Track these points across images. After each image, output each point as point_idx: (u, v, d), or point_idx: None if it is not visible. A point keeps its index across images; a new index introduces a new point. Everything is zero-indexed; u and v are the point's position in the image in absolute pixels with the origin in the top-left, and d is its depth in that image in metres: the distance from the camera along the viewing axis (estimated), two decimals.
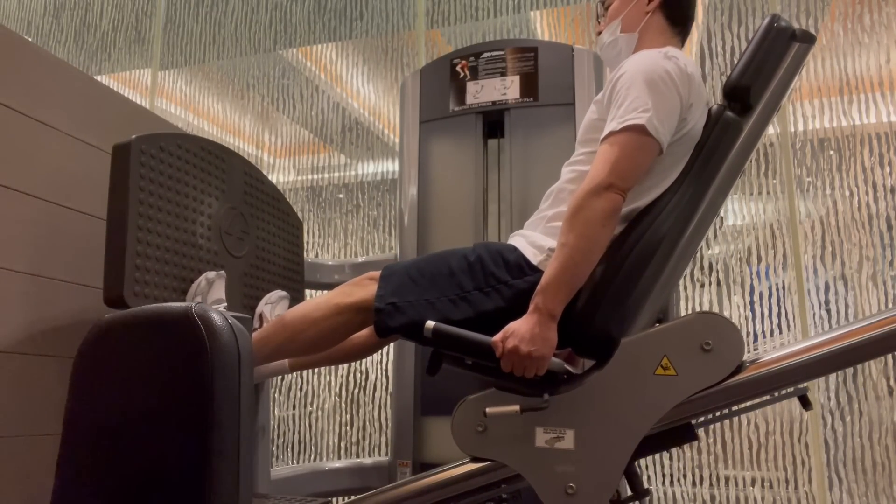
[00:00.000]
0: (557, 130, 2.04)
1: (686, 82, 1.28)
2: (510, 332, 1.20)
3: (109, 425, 1.08)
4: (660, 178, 1.30)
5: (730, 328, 1.18)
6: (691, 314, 1.22)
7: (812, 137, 2.53)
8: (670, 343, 1.19)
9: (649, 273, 1.25)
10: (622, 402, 1.18)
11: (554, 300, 1.20)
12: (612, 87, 1.31)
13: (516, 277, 1.31)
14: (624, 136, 1.23)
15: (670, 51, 1.32)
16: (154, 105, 3.57)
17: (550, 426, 1.20)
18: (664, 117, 1.24)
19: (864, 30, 2.53)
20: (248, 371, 1.09)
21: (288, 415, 3.02)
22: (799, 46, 1.35)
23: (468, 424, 1.24)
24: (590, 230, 1.20)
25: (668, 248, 1.27)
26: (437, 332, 1.21)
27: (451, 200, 2.11)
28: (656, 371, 1.18)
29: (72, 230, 1.69)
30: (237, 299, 1.80)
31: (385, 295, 1.34)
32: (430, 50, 3.12)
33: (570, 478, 1.17)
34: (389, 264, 1.43)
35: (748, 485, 2.40)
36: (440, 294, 1.32)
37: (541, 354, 1.18)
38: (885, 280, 2.37)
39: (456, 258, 1.37)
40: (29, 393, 1.55)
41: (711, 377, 1.17)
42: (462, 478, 1.25)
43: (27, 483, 1.51)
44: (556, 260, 1.21)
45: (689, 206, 1.29)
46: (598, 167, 1.23)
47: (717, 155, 1.31)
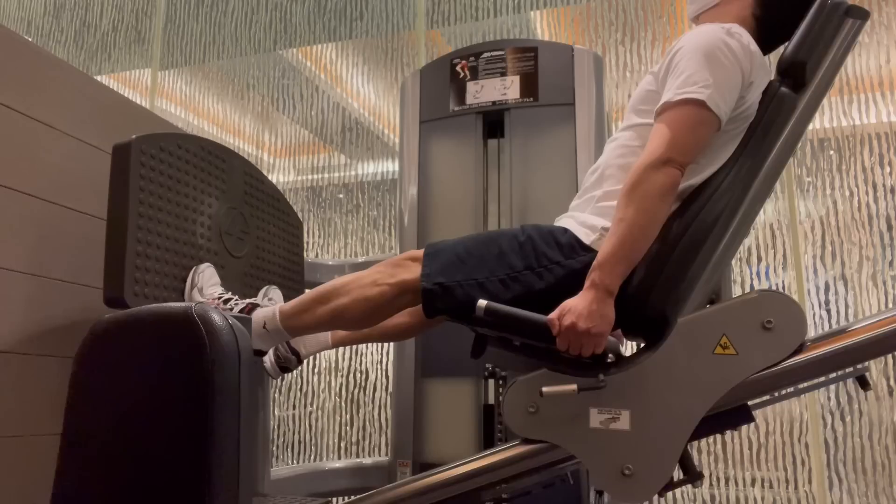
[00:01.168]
0: (557, 130, 2.04)
1: (748, 58, 1.25)
2: (567, 308, 1.17)
3: (109, 425, 1.08)
4: (714, 155, 1.27)
5: (793, 306, 1.15)
6: (752, 292, 1.19)
7: (812, 137, 2.53)
8: (730, 321, 1.16)
9: (704, 252, 1.22)
10: (680, 382, 1.16)
11: (611, 275, 1.17)
12: (671, 58, 1.28)
13: (569, 257, 1.28)
14: (683, 109, 1.21)
15: (734, 27, 1.28)
16: (154, 105, 3.57)
17: (605, 407, 1.18)
18: (725, 93, 1.21)
19: (865, 30, 2.53)
20: (248, 371, 1.09)
21: (288, 415, 3.02)
22: (852, 22, 1.32)
23: (520, 405, 1.21)
24: (648, 205, 1.18)
25: (723, 227, 1.24)
26: (489, 312, 1.18)
27: (451, 200, 2.11)
28: (715, 350, 1.16)
29: (72, 230, 1.69)
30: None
31: (431, 274, 1.31)
32: (430, 50, 3.12)
33: (627, 459, 1.15)
34: (432, 242, 1.39)
35: (748, 485, 2.40)
36: (490, 274, 1.29)
37: (599, 331, 1.15)
38: (885, 280, 2.37)
39: (505, 238, 1.34)
40: (29, 393, 1.55)
41: (773, 356, 1.14)
42: (462, 478, 1.25)
43: (27, 483, 1.51)
44: (613, 235, 1.19)
45: (743, 184, 1.26)
46: (656, 141, 1.21)
47: (773, 132, 1.29)
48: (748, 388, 1.16)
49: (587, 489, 1.76)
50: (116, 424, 1.07)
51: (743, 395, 1.17)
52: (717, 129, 1.23)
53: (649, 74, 1.38)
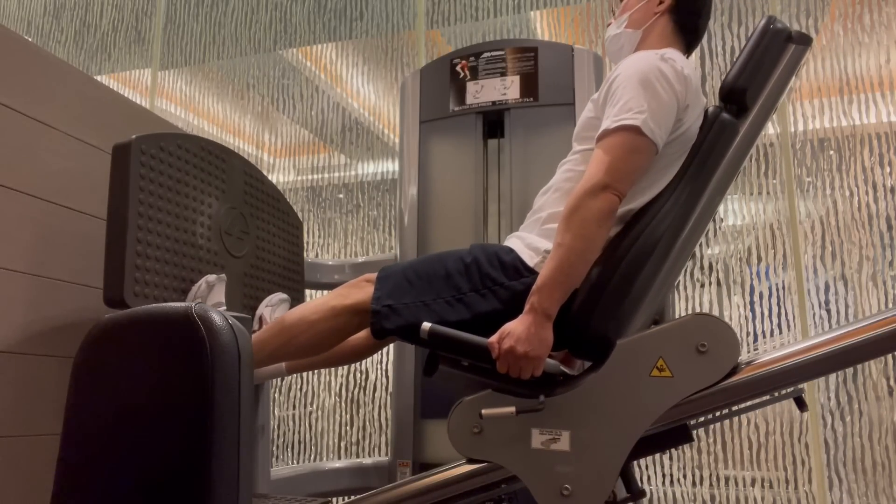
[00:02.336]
0: (557, 130, 2.04)
1: (682, 83, 1.27)
2: (506, 332, 1.19)
3: (109, 425, 1.08)
4: (655, 179, 1.30)
5: (725, 330, 1.18)
6: (687, 315, 1.22)
7: (812, 137, 2.53)
8: (666, 344, 1.19)
9: (646, 274, 1.25)
10: (618, 403, 1.18)
11: (549, 300, 1.20)
12: (609, 86, 1.31)
13: (512, 279, 1.31)
14: (619, 136, 1.23)
15: (668, 52, 1.32)
16: (154, 105, 3.57)
17: (546, 428, 1.20)
18: (660, 118, 1.24)
19: (864, 30, 2.53)
20: (249, 371, 1.09)
21: (288, 415, 3.02)
22: (795, 48, 1.35)
23: (464, 426, 1.24)
24: (586, 230, 1.20)
25: (665, 250, 1.27)
26: (433, 334, 1.21)
27: (451, 200, 2.11)
28: (652, 373, 1.18)
29: (72, 230, 1.69)
30: (237, 299, 1.80)
31: (381, 297, 1.34)
32: (430, 50, 3.12)
33: (566, 479, 1.17)
34: (386, 266, 1.43)
35: (748, 485, 2.40)
36: (436, 296, 1.32)
37: (537, 355, 1.18)
38: (885, 280, 2.37)
39: (452, 260, 1.37)
40: (29, 393, 1.55)
41: (707, 379, 1.17)
42: (462, 478, 1.25)
43: (27, 483, 1.51)
44: (551, 260, 1.21)
45: (685, 208, 1.29)
46: (594, 168, 1.23)
47: (714, 156, 1.31)
48: (685, 409, 1.18)
49: None
50: (116, 424, 1.07)
51: (680, 416, 1.19)
52: (655, 153, 1.25)
53: (590, 102, 1.41)
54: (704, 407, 1.18)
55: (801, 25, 2.60)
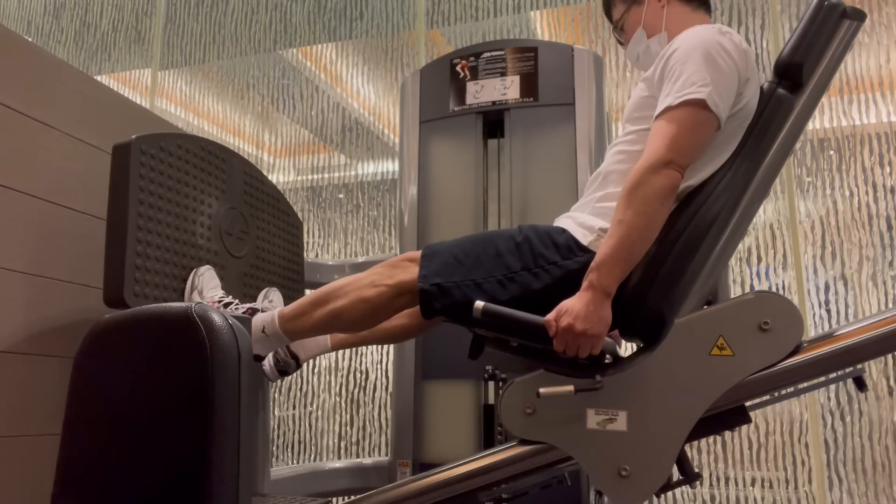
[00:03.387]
0: (557, 130, 2.04)
1: (742, 57, 1.26)
2: (564, 309, 1.17)
3: (109, 425, 1.08)
4: (713, 155, 1.27)
5: (789, 307, 1.15)
6: (749, 293, 1.19)
7: (812, 137, 2.53)
8: (727, 322, 1.16)
9: (701, 253, 1.22)
10: (677, 382, 1.16)
11: (609, 277, 1.17)
12: (665, 62, 1.29)
13: (566, 258, 1.28)
14: (682, 111, 1.21)
15: (723, 27, 1.30)
16: (154, 105, 3.57)
17: (602, 408, 1.18)
18: (723, 92, 1.22)
19: (864, 30, 2.53)
20: (248, 371, 1.09)
21: (288, 415, 3.02)
22: (849, 24, 1.32)
23: (517, 406, 1.21)
24: (648, 207, 1.18)
25: (720, 228, 1.24)
26: (486, 313, 1.18)
27: (451, 200, 2.11)
28: (712, 352, 1.16)
29: (72, 230, 1.69)
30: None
31: (429, 275, 1.31)
32: (430, 50, 3.12)
33: (624, 460, 1.15)
34: (430, 244, 1.40)
35: (748, 485, 2.40)
36: (487, 274, 1.29)
37: (596, 332, 1.16)
38: (885, 280, 2.37)
39: (502, 239, 1.34)
40: (29, 393, 1.55)
41: (770, 357, 1.14)
42: (462, 478, 1.25)
43: (27, 483, 1.51)
44: (612, 237, 1.19)
45: (741, 185, 1.27)
46: (656, 143, 1.21)
47: (770, 132, 1.29)
48: (745, 389, 1.16)
49: (587, 489, 1.76)
50: (116, 424, 1.07)
51: (740, 396, 1.17)
52: (717, 128, 1.23)
53: (642, 82, 1.38)
54: (766, 387, 1.16)
55: None
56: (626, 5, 1.49)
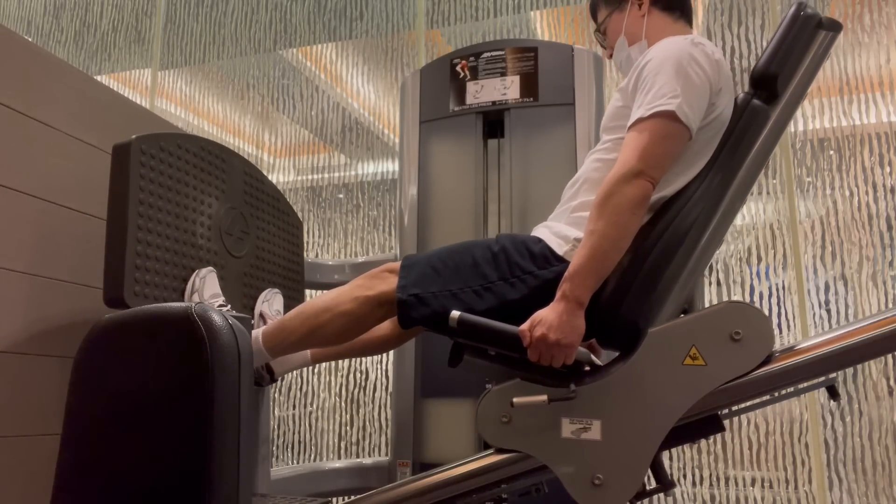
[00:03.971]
0: (557, 130, 2.04)
1: (714, 67, 1.26)
2: (538, 320, 1.18)
3: (109, 425, 1.08)
4: (686, 166, 1.28)
5: (760, 317, 1.16)
6: (721, 303, 1.20)
7: (812, 137, 2.53)
8: (699, 332, 1.17)
9: (676, 263, 1.23)
10: (650, 392, 1.17)
11: (582, 287, 1.18)
12: (638, 73, 1.30)
13: (542, 268, 1.29)
14: (653, 122, 1.22)
15: (696, 37, 1.31)
16: (154, 105, 3.57)
17: (577, 417, 1.19)
18: (694, 103, 1.22)
19: (864, 30, 2.53)
20: (248, 371, 1.09)
21: (288, 415, 3.01)
22: (825, 34, 1.33)
23: (493, 415, 1.22)
24: (619, 217, 1.19)
25: (695, 238, 1.25)
26: (462, 323, 1.20)
27: (451, 200, 2.11)
28: (685, 361, 1.16)
29: (72, 230, 1.69)
30: (237, 299, 1.80)
31: (407, 286, 1.32)
32: (430, 50, 3.12)
33: (598, 468, 1.16)
34: (409, 255, 1.41)
35: (748, 485, 2.40)
36: (464, 284, 1.31)
37: (569, 342, 1.17)
38: (885, 280, 2.37)
39: (480, 248, 1.35)
40: (29, 393, 1.55)
41: (741, 367, 1.15)
42: (462, 478, 1.25)
43: (27, 483, 1.51)
44: (584, 247, 1.20)
45: (715, 195, 1.28)
46: (627, 154, 1.22)
47: (745, 143, 1.30)
48: (718, 399, 1.17)
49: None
50: (116, 424, 1.07)
51: (712, 405, 1.18)
52: (688, 139, 1.24)
53: (617, 92, 1.39)
54: (738, 396, 1.17)
55: None
56: (609, 11, 1.51)
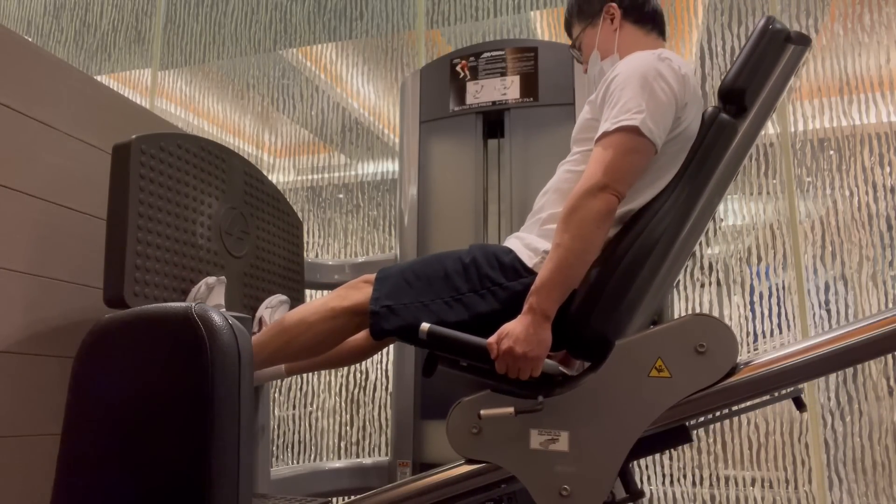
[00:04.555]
0: (557, 130, 2.04)
1: (680, 82, 1.28)
2: (505, 333, 1.19)
3: (109, 425, 1.08)
4: (654, 178, 1.30)
5: (724, 330, 1.18)
6: (686, 316, 1.22)
7: (812, 137, 2.53)
8: (665, 345, 1.19)
9: (644, 275, 1.25)
10: (617, 403, 1.18)
11: (548, 300, 1.20)
12: (606, 87, 1.32)
13: (511, 279, 1.31)
14: (617, 136, 1.23)
15: (664, 52, 1.33)
16: (154, 105, 3.57)
17: (545, 428, 1.20)
18: (658, 118, 1.24)
19: (864, 30, 2.53)
20: (249, 371, 1.09)
21: (288, 415, 3.02)
22: (794, 48, 1.35)
23: (463, 426, 1.24)
24: (585, 231, 1.20)
25: (664, 250, 1.27)
26: (431, 335, 1.21)
27: (451, 200, 2.11)
28: (651, 373, 1.18)
29: (72, 230, 1.69)
30: (237, 299, 1.80)
31: (380, 297, 1.34)
32: (430, 50, 3.12)
33: (565, 479, 1.17)
34: (385, 267, 1.43)
35: (748, 485, 2.40)
36: (435, 296, 1.32)
37: (535, 355, 1.18)
38: (885, 280, 2.37)
39: (451, 260, 1.37)
40: (29, 393, 1.55)
41: (705, 379, 1.17)
42: (462, 478, 1.25)
43: (27, 483, 1.51)
44: (550, 260, 1.21)
45: (684, 208, 1.29)
46: (592, 168, 1.24)
47: (713, 157, 1.31)
48: (684, 410, 1.18)
49: None
50: (116, 424, 1.07)
51: (678, 416, 1.19)
52: (654, 153, 1.26)
53: (587, 104, 1.41)
54: (703, 407, 1.18)
55: (802, 25, 2.60)
56: (582, 26, 1.52)
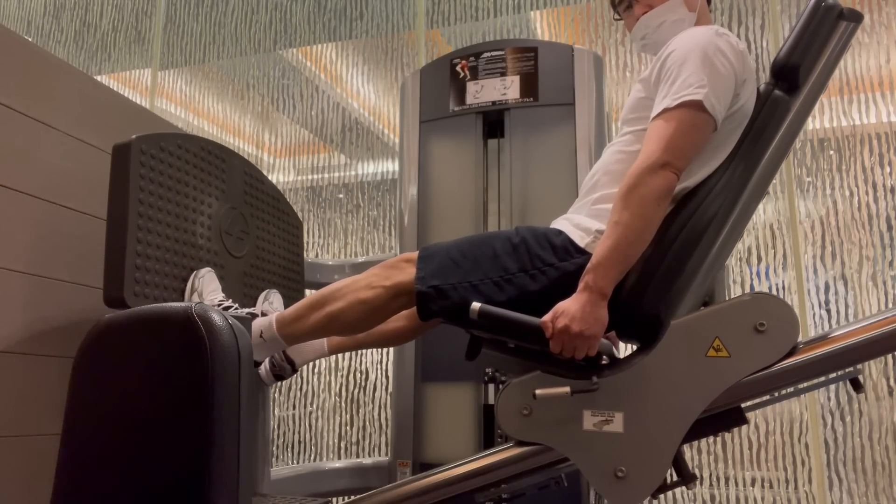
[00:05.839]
0: (557, 130, 2.04)
1: (739, 58, 1.26)
2: (560, 311, 1.17)
3: (109, 425, 1.08)
4: (710, 156, 1.27)
5: (785, 309, 1.15)
6: (745, 294, 1.19)
7: (812, 137, 2.53)
8: (723, 324, 1.16)
9: (698, 255, 1.22)
10: (673, 384, 1.16)
11: (605, 278, 1.17)
12: (662, 63, 1.29)
13: (563, 259, 1.28)
14: (679, 112, 1.21)
15: (721, 28, 1.31)
16: (154, 105, 3.57)
17: (599, 409, 1.18)
18: (720, 93, 1.22)
19: (864, 30, 2.53)
20: (248, 371, 1.09)
21: (288, 415, 3.01)
22: (846, 25, 1.32)
23: (513, 408, 1.21)
24: (644, 209, 1.18)
25: (717, 230, 1.24)
26: (483, 314, 1.18)
27: (451, 200, 2.11)
28: (708, 353, 1.16)
29: (72, 230, 1.69)
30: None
31: (426, 277, 1.30)
32: (430, 50, 3.12)
33: (620, 461, 1.15)
34: (427, 245, 1.39)
35: (748, 485, 2.40)
36: (484, 276, 1.29)
37: (592, 333, 1.15)
38: (885, 280, 2.37)
39: (499, 240, 1.34)
40: (29, 393, 1.55)
41: (766, 359, 1.15)
42: (462, 478, 1.25)
43: (27, 483, 1.51)
44: (608, 238, 1.19)
45: (737, 187, 1.27)
46: (652, 145, 1.21)
47: (766, 134, 1.29)
48: (741, 391, 1.16)
49: (587, 490, 1.76)
50: (116, 424, 1.07)
51: (736, 397, 1.17)
52: (714, 129, 1.24)
53: (638, 83, 1.38)
54: (763, 388, 1.16)
55: None
56: None
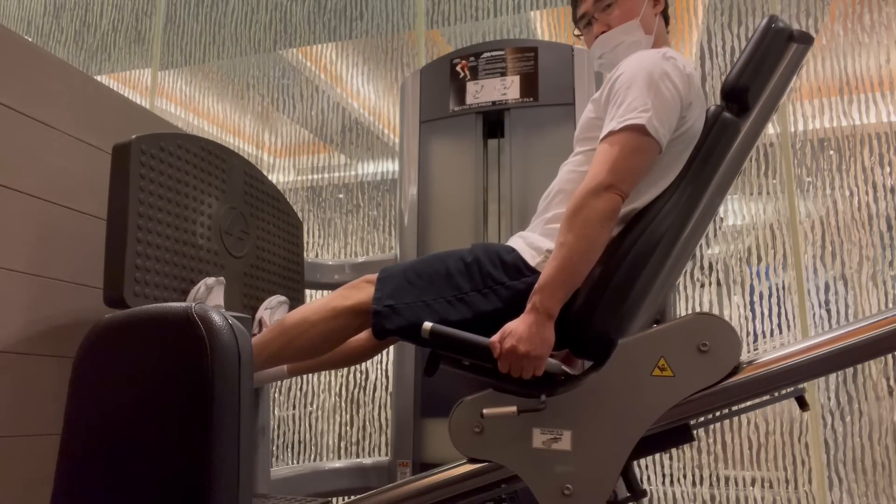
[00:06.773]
0: (557, 130, 2.04)
1: (685, 81, 1.28)
2: (507, 331, 1.19)
3: (109, 425, 1.08)
4: (657, 178, 1.30)
5: (727, 329, 1.18)
6: (689, 315, 1.22)
7: (812, 137, 2.53)
8: (667, 344, 1.19)
9: (647, 274, 1.25)
10: (619, 403, 1.18)
11: (551, 299, 1.19)
12: (611, 86, 1.31)
13: (514, 279, 1.31)
14: (623, 135, 1.23)
15: (668, 51, 1.33)
16: (154, 105, 3.57)
17: (547, 427, 1.20)
18: (664, 117, 1.24)
19: (864, 30, 2.53)
20: (249, 371, 1.09)
21: (288, 415, 3.02)
22: (797, 47, 1.35)
23: (465, 425, 1.24)
24: (588, 230, 1.20)
25: (666, 249, 1.27)
26: (434, 334, 1.21)
27: (451, 200, 2.11)
28: (653, 372, 1.18)
29: (72, 230, 1.69)
30: (237, 300, 1.80)
31: (382, 297, 1.34)
32: (430, 50, 3.12)
33: (567, 479, 1.17)
34: (387, 266, 1.42)
35: (748, 485, 2.40)
36: (437, 295, 1.32)
37: (538, 354, 1.18)
38: (885, 280, 2.37)
39: (453, 259, 1.36)
40: (29, 393, 1.55)
41: (708, 378, 1.17)
42: (462, 478, 1.25)
43: (27, 483, 1.51)
44: (554, 259, 1.21)
45: (686, 207, 1.29)
46: (597, 167, 1.23)
47: (715, 155, 1.31)
48: (685, 409, 1.18)
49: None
50: (116, 424, 1.07)
51: (681, 415, 1.19)
52: (658, 152, 1.25)
53: (590, 103, 1.40)
54: (706, 406, 1.18)
55: (802, 25, 2.60)
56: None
